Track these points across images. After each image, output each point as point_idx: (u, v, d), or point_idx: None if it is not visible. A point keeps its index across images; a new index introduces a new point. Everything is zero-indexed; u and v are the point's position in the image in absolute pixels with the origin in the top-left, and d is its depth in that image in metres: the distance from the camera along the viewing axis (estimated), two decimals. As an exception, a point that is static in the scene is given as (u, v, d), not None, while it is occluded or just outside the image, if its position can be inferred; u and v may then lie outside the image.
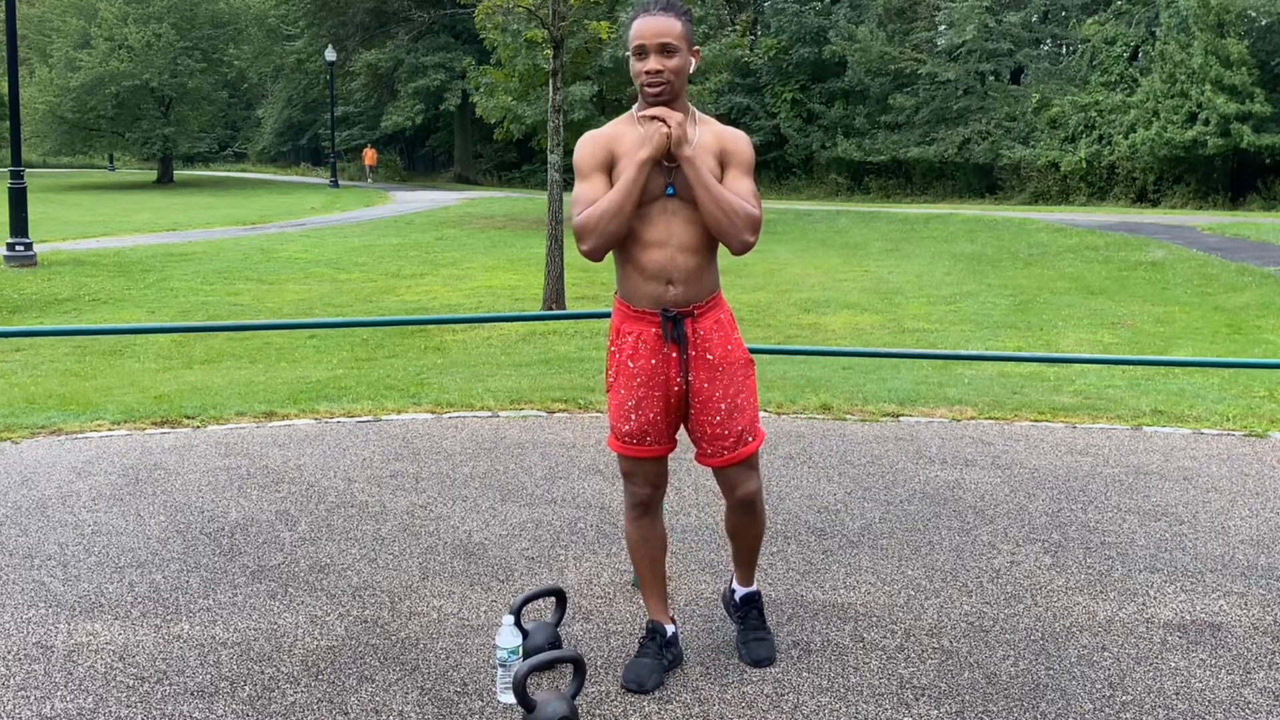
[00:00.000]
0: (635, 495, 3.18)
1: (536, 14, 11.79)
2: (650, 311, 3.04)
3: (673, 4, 2.96)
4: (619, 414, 3.11)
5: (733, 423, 3.09)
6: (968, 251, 18.60)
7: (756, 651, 3.26)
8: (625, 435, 3.11)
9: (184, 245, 19.12)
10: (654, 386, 3.07)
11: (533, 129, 25.30)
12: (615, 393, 3.12)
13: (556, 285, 11.41)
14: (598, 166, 3.01)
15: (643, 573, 3.24)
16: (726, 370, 3.08)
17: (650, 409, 3.08)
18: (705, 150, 3.00)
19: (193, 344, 9.92)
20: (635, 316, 3.07)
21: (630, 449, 3.12)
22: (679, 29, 2.93)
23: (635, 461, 3.13)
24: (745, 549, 3.32)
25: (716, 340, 3.08)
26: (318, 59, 45.57)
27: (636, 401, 3.08)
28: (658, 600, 3.25)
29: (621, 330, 3.11)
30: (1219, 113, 28.33)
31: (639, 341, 3.06)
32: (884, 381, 7.51)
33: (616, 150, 3.00)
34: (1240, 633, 3.52)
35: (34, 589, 3.77)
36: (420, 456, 5.45)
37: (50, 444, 5.68)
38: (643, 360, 3.06)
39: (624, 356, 3.09)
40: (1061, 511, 4.69)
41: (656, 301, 3.02)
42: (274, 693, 3.07)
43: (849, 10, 38.55)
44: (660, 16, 2.93)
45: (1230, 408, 6.78)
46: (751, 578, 3.39)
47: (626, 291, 3.08)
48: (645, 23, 2.93)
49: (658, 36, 2.91)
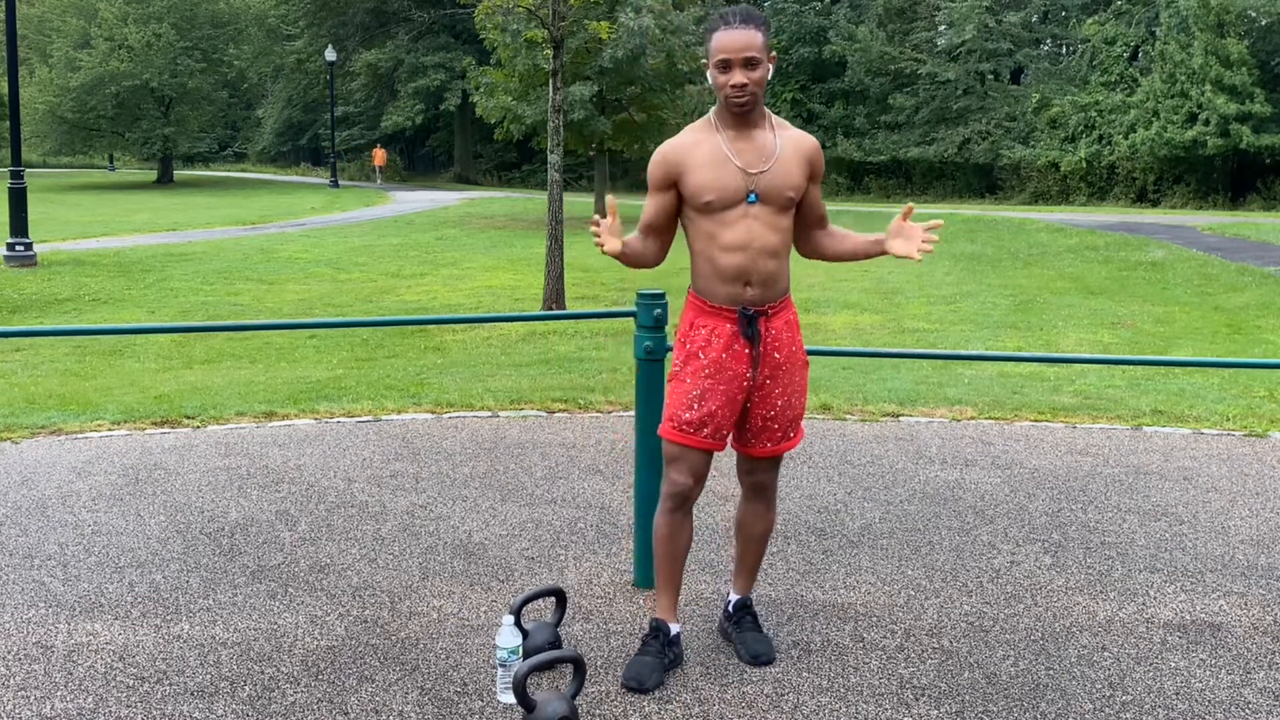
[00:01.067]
0: (675, 485, 3.17)
1: (536, 14, 11.79)
2: (728, 308, 3.09)
3: (752, 15, 3.00)
4: (682, 402, 3.13)
5: (784, 418, 3.17)
6: (968, 251, 18.61)
7: (755, 647, 3.27)
8: (685, 423, 3.12)
9: (184, 245, 19.12)
10: (721, 380, 3.11)
11: (533, 129, 25.30)
12: (680, 381, 3.15)
13: (556, 285, 11.41)
14: (659, 185, 3.12)
15: (663, 569, 3.22)
16: (789, 369, 3.16)
17: (714, 400, 3.11)
18: (790, 162, 3.07)
19: (193, 344, 9.92)
20: (712, 312, 3.12)
21: (687, 437, 3.12)
22: (760, 41, 2.97)
23: (686, 450, 3.14)
24: (753, 545, 3.33)
25: (785, 339, 3.15)
26: (318, 59, 45.59)
27: (702, 391, 3.11)
28: (670, 599, 3.24)
29: (696, 324, 3.15)
30: (1219, 113, 28.35)
31: (713, 335, 3.12)
32: (884, 381, 7.51)
33: (686, 163, 3.06)
34: (1240, 633, 3.52)
35: (34, 589, 3.77)
36: (420, 456, 5.45)
37: (50, 444, 5.68)
38: (715, 353, 3.11)
39: (695, 347, 3.13)
40: (1061, 511, 4.69)
41: (734, 300, 3.09)
42: (274, 693, 3.07)
43: (849, 10, 38.56)
44: (743, 29, 2.97)
45: (1230, 408, 6.79)
46: (750, 586, 3.40)
47: (704, 288, 3.13)
48: (729, 36, 2.97)
49: (743, 50, 2.95)
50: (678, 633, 3.24)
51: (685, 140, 3.09)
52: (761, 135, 3.07)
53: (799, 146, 3.10)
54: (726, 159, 3.03)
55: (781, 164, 3.05)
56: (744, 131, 3.05)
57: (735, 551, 3.40)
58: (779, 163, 3.04)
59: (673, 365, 3.20)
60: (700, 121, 3.12)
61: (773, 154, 3.05)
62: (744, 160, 3.03)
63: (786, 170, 3.05)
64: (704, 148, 3.06)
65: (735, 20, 2.98)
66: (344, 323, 3.82)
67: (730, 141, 3.05)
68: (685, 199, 3.09)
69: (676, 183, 3.08)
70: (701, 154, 3.05)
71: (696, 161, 3.04)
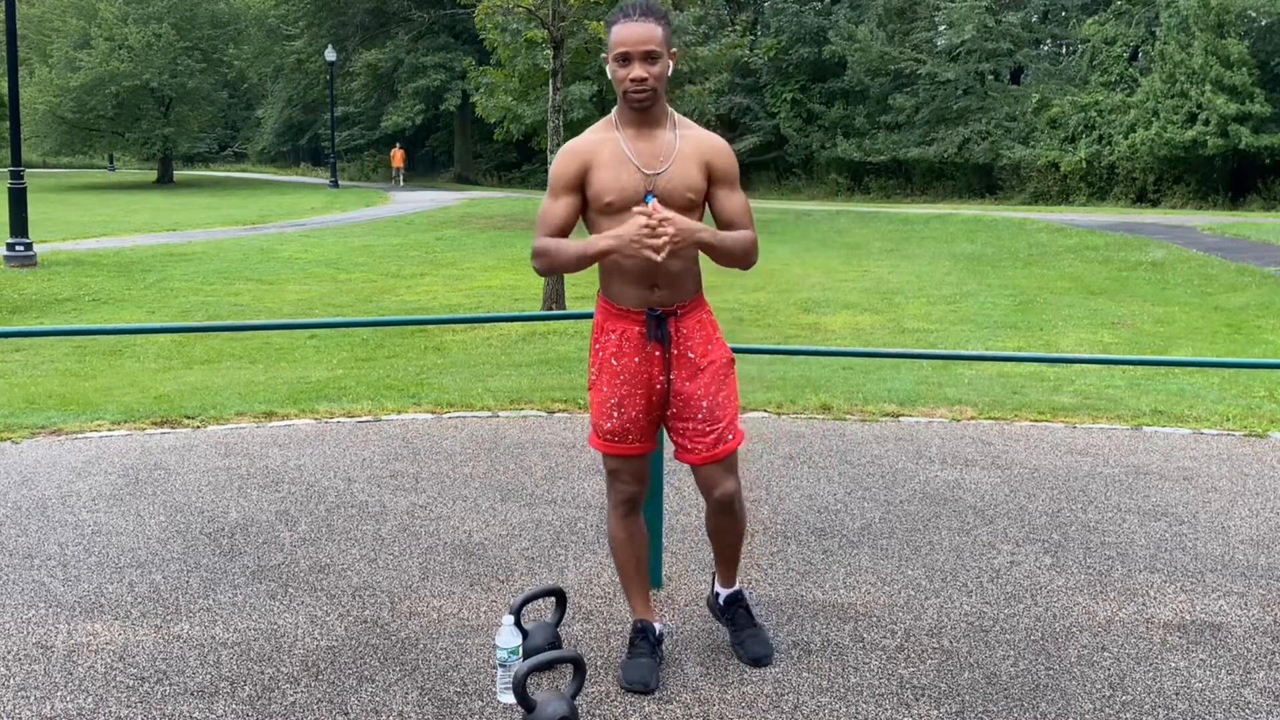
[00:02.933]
0: (621, 492, 3.17)
1: (536, 14, 11.79)
2: (635, 310, 3.05)
3: (652, 8, 2.93)
4: (601, 411, 3.12)
5: (714, 420, 3.09)
6: (968, 251, 18.60)
7: (754, 649, 3.26)
8: (607, 433, 3.12)
9: (184, 245, 19.12)
10: (637, 385, 3.08)
11: (533, 129, 25.31)
12: (598, 390, 3.12)
13: (556, 285, 11.41)
14: (567, 186, 3.01)
15: (629, 572, 3.23)
16: (708, 369, 3.09)
17: (632, 407, 3.08)
18: (688, 161, 2.99)
19: (193, 344, 9.92)
20: (619, 315, 3.08)
21: (613, 446, 3.12)
22: (660, 35, 2.91)
23: (620, 459, 3.14)
24: (727, 550, 3.32)
25: (699, 339, 3.09)
26: (318, 59, 45.56)
27: (619, 399, 3.08)
28: (644, 599, 3.25)
29: (605, 328, 3.11)
30: (1219, 113, 28.34)
31: (623, 339, 3.07)
32: (884, 381, 7.51)
33: (593, 162, 2.99)
34: (1240, 633, 3.52)
35: (34, 589, 3.77)
36: (420, 456, 5.45)
37: (50, 444, 5.68)
38: (626, 358, 3.07)
39: (607, 354, 3.09)
40: (1061, 511, 4.69)
41: (641, 302, 3.04)
42: (274, 693, 3.07)
43: (849, 10, 38.55)
44: (641, 23, 2.91)
45: (1230, 408, 6.78)
46: (734, 578, 3.39)
47: (610, 291, 3.09)
48: (627, 29, 2.91)
49: (641, 44, 2.90)
50: (662, 630, 3.26)
51: (590, 139, 3.03)
52: (661, 134, 3.00)
53: (699, 146, 3.02)
54: (626, 159, 2.97)
55: (679, 164, 2.98)
56: (644, 130, 3.00)
57: (712, 550, 3.38)
58: (676, 163, 2.97)
59: (589, 373, 3.16)
60: (602, 121, 3.07)
61: (671, 153, 2.98)
62: (642, 160, 2.97)
63: (685, 170, 2.98)
64: (607, 147, 2.99)
65: (635, 13, 2.92)
66: (344, 323, 3.82)
67: (630, 140, 2.99)
68: (589, 199, 3.01)
69: (583, 181, 3.00)
70: (605, 154, 2.99)
71: (600, 161, 2.98)
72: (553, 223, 3.00)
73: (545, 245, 2.98)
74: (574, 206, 3.02)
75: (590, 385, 3.16)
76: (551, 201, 3.02)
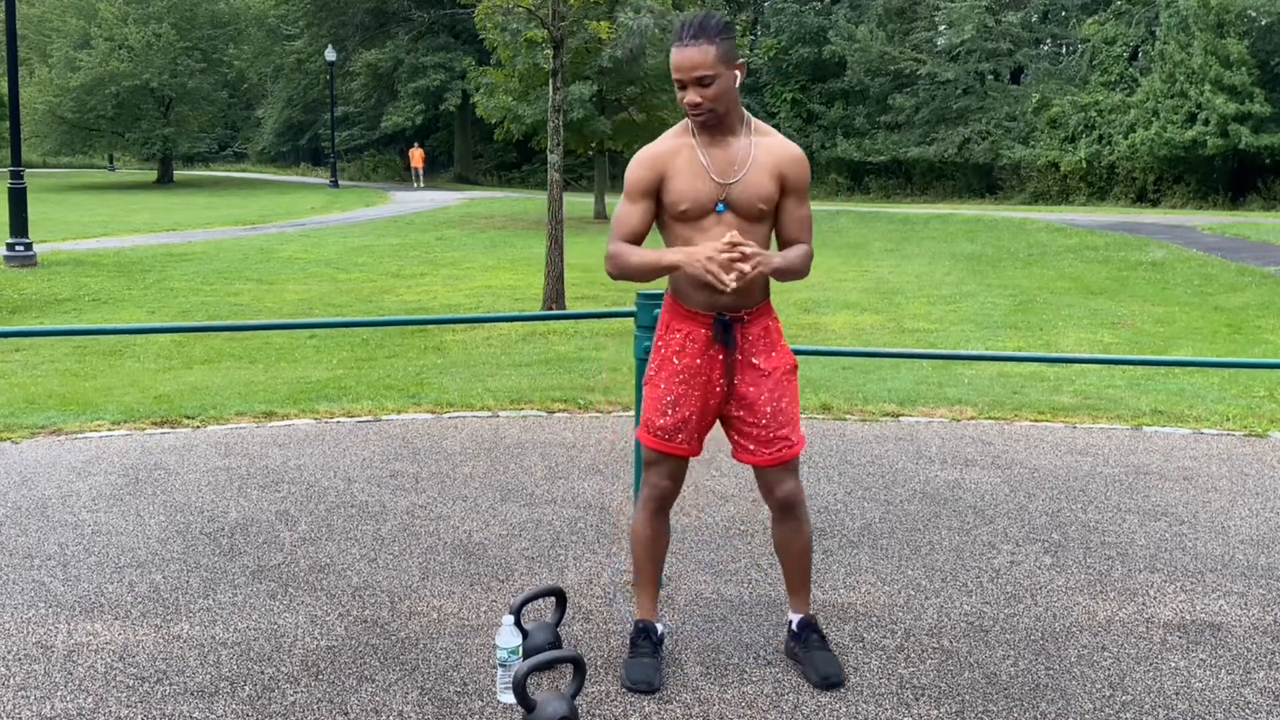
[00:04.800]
0: (655, 488, 3.17)
1: (536, 14, 11.79)
2: (702, 312, 3.05)
3: (705, 27, 2.90)
4: (655, 407, 3.11)
5: (777, 426, 3.09)
6: (968, 251, 18.61)
7: (824, 668, 3.14)
8: (659, 429, 3.11)
9: (184, 245, 19.12)
10: (695, 385, 3.08)
11: (533, 129, 25.31)
12: (654, 386, 3.12)
13: (556, 285, 11.41)
14: (643, 191, 3.03)
15: (645, 570, 3.24)
16: (772, 375, 3.09)
17: (687, 406, 3.08)
18: (762, 171, 2.98)
19: (193, 344, 9.92)
20: (686, 315, 3.08)
21: (660, 443, 3.11)
22: (712, 56, 2.88)
23: (661, 456, 3.14)
24: (796, 563, 3.25)
25: (763, 346, 3.09)
26: (318, 59, 45.57)
27: (675, 397, 3.08)
28: (652, 599, 3.26)
29: (671, 326, 3.12)
30: (1219, 113, 28.35)
31: (687, 340, 3.07)
32: (884, 381, 7.51)
33: (668, 170, 3.00)
34: (1240, 633, 3.52)
35: (34, 589, 3.77)
36: (420, 456, 5.45)
37: (50, 444, 5.68)
38: (688, 358, 3.07)
39: (670, 352, 3.10)
40: (1061, 511, 4.69)
41: (709, 305, 3.04)
42: (274, 693, 3.07)
43: (849, 10, 38.57)
44: (692, 47, 2.89)
45: (1230, 408, 6.79)
46: (808, 602, 3.30)
47: (679, 291, 3.09)
48: (679, 55, 2.91)
49: (691, 71, 2.89)
50: (664, 632, 3.27)
51: (666, 146, 3.04)
52: (736, 142, 3.00)
53: (775, 155, 3.02)
54: (700, 167, 2.98)
55: (754, 173, 2.98)
56: (718, 138, 3.00)
57: (782, 572, 3.32)
58: (751, 171, 2.98)
59: (648, 369, 3.17)
60: (678, 126, 3.07)
61: (746, 162, 2.99)
62: (717, 168, 2.98)
63: (759, 180, 2.98)
64: (682, 155, 3.01)
65: (686, 35, 2.91)
66: (344, 323, 3.82)
67: (705, 148, 3.00)
68: (663, 205, 3.03)
69: (659, 188, 3.02)
70: (680, 161, 3.00)
71: (675, 169, 3.00)
72: (627, 228, 3.03)
73: (618, 250, 3.00)
74: (649, 212, 3.04)
75: (647, 380, 3.16)
76: (628, 206, 3.04)
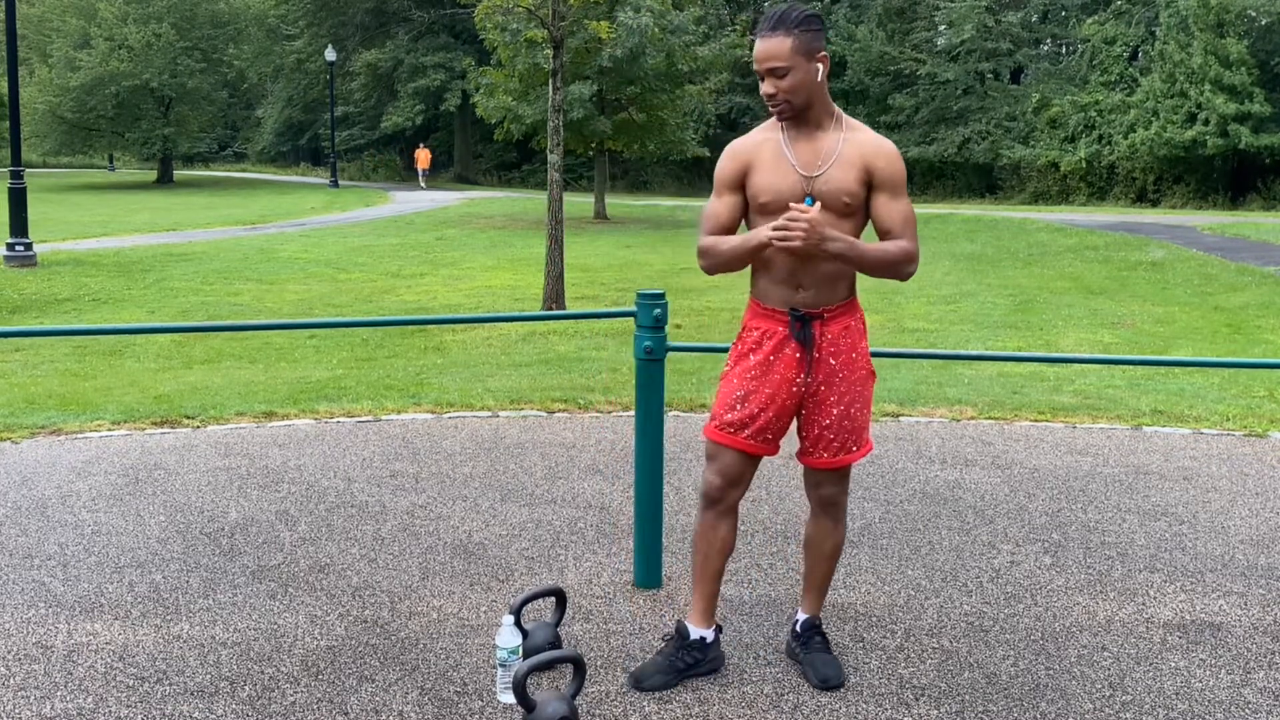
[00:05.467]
0: (707, 484, 3.12)
1: (536, 14, 11.79)
2: (780, 310, 3.04)
3: (785, 18, 2.88)
4: (726, 402, 3.08)
5: (842, 429, 3.06)
6: (968, 251, 18.61)
7: (824, 670, 3.14)
8: (726, 423, 3.07)
9: (184, 245, 19.12)
10: (767, 382, 3.04)
11: (533, 129, 25.32)
12: (728, 381, 3.10)
13: (556, 285, 11.41)
14: (730, 184, 3.03)
15: (695, 569, 3.18)
16: (846, 377, 3.06)
17: (757, 401, 3.04)
18: (847, 165, 2.94)
19: (193, 344, 9.92)
20: (765, 314, 3.06)
21: (725, 436, 3.06)
22: (788, 49, 2.86)
23: (723, 449, 3.08)
24: (821, 564, 3.23)
25: (842, 346, 3.05)
26: (318, 59, 45.55)
27: (746, 393, 3.05)
28: (698, 602, 3.18)
29: (750, 325, 3.11)
30: (1218, 113, 28.35)
31: (764, 337, 3.06)
32: (884, 381, 7.51)
33: (754, 162, 3.00)
34: (1240, 633, 3.52)
35: (34, 589, 3.77)
36: (420, 456, 5.45)
37: (50, 444, 5.68)
38: (763, 355, 3.05)
39: (746, 348, 3.09)
40: (1061, 511, 4.69)
41: (786, 302, 3.02)
42: (274, 693, 3.07)
43: (849, 10, 38.57)
44: (769, 39, 2.87)
45: (1230, 408, 6.78)
46: (819, 605, 3.29)
47: (759, 290, 3.08)
48: (758, 46, 2.90)
49: (766, 61, 2.88)
50: (701, 637, 3.16)
51: (754, 139, 3.03)
52: (824, 136, 2.96)
53: (862, 150, 2.95)
54: (785, 160, 2.96)
55: (838, 167, 2.93)
56: (804, 131, 2.97)
57: (804, 569, 3.29)
58: (835, 166, 2.93)
59: (726, 364, 3.16)
60: (770, 121, 3.05)
61: (831, 156, 2.94)
62: (801, 161, 2.95)
63: (843, 174, 2.93)
64: (768, 147, 2.99)
65: (766, 26, 2.89)
66: (344, 323, 3.82)
67: (790, 141, 2.97)
68: (748, 199, 3.02)
69: (744, 181, 3.01)
70: (765, 153, 2.98)
71: (760, 161, 2.98)
72: (716, 221, 3.03)
73: (708, 243, 3.01)
74: (736, 205, 3.03)
75: (723, 376, 3.14)
76: (715, 200, 3.05)
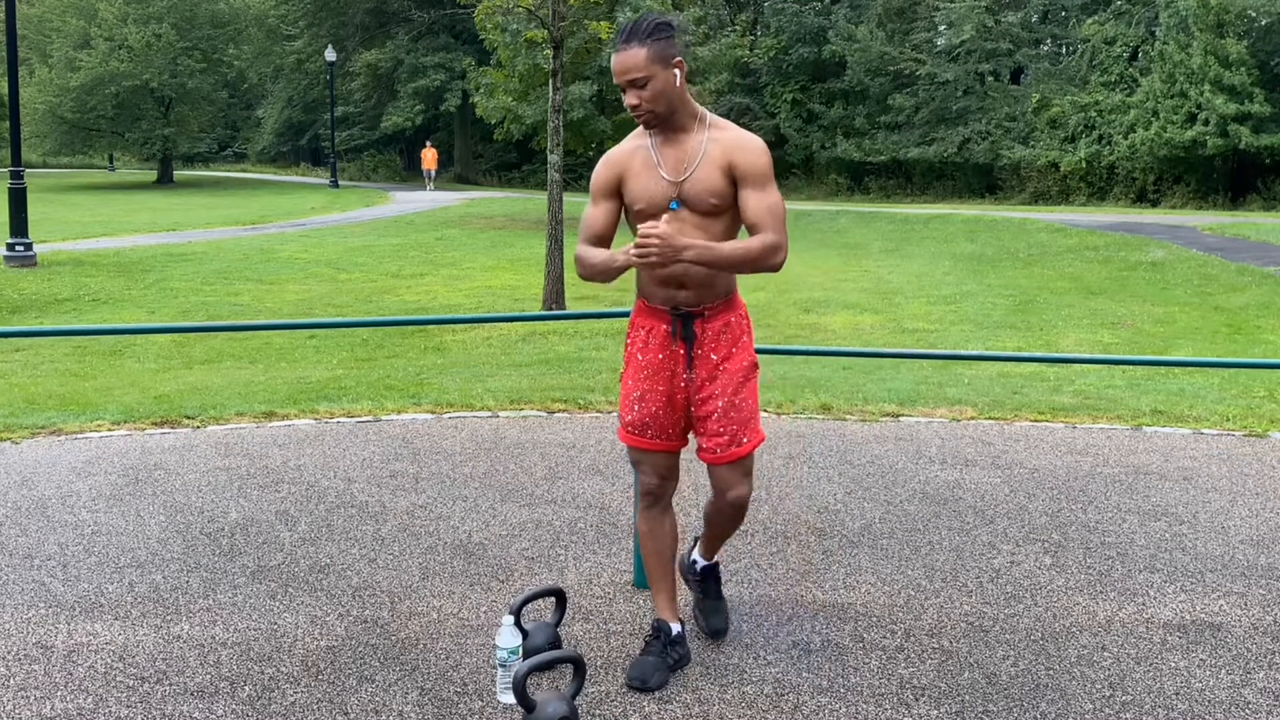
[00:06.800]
0: (643, 485, 3.23)
1: (536, 14, 11.79)
2: (663, 308, 3.11)
3: (637, 29, 2.93)
4: (625, 403, 3.20)
5: (728, 421, 3.11)
6: (968, 251, 18.60)
7: (714, 623, 3.41)
8: (629, 425, 3.18)
9: (184, 245, 19.12)
10: (658, 381, 3.14)
11: (533, 129, 25.31)
12: (624, 383, 3.21)
13: (556, 285, 11.41)
14: (605, 192, 3.10)
15: (650, 567, 3.27)
16: (728, 369, 3.12)
17: (654, 402, 3.14)
18: (712, 165, 2.98)
19: (193, 344, 9.92)
20: (649, 312, 3.15)
21: (634, 439, 3.19)
22: (643, 58, 2.90)
23: (640, 452, 3.20)
24: (720, 536, 3.38)
25: (723, 341, 3.12)
26: (318, 59, 45.54)
27: (641, 393, 3.15)
28: (664, 597, 3.26)
29: (636, 324, 3.19)
30: (1218, 113, 28.33)
31: (649, 336, 3.14)
32: (884, 381, 7.51)
33: (627, 171, 3.06)
34: (1240, 633, 3.52)
35: (34, 589, 3.77)
36: (420, 456, 5.45)
37: (50, 444, 5.68)
38: (651, 354, 3.14)
39: (635, 349, 3.18)
40: (1061, 511, 4.69)
41: (668, 301, 3.09)
42: (274, 693, 3.07)
43: (849, 10, 38.56)
44: (624, 51, 2.93)
45: (1230, 408, 6.78)
46: (716, 553, 3.47)
47: (642, 289, 3.15)
48: (615, 60, 2.96)
49: (624, 74, 2.94)
50: (680, 632, 3.24)
51: (626, 147, 3.10)
52: (688, 139, 3.02)
53: (724, 148, 3.00)
54: (654, 166, 3.03)
55: (703, 169, 2.98)
56: (670, 136, 3.03)
57: (702, 530, 3.43)
58: (701, 167, 2.99)
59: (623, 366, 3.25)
60: (639, 129, 3.11)
61: (696, 158, 3.00)
62: (668, 166, 3.01)
63: (707, 175, 2.98)
64: (639, 155, 3.06)
65: (621, 39, 2.94)
66: (344, 323, 3.82)
67: (658, 148, 3.04)
68: (625, 206, 3.09)
69: (620, 189, 3.07)
70: (637, 162, 3.05)
71: (632, 169, 3.05)
72: (591, 230, 3.09)
73: (582, 253, 3.07)
74: (611, 213, 3.09)
75: (621, 379, 3.24)
76: (591, 208, 3.12)
